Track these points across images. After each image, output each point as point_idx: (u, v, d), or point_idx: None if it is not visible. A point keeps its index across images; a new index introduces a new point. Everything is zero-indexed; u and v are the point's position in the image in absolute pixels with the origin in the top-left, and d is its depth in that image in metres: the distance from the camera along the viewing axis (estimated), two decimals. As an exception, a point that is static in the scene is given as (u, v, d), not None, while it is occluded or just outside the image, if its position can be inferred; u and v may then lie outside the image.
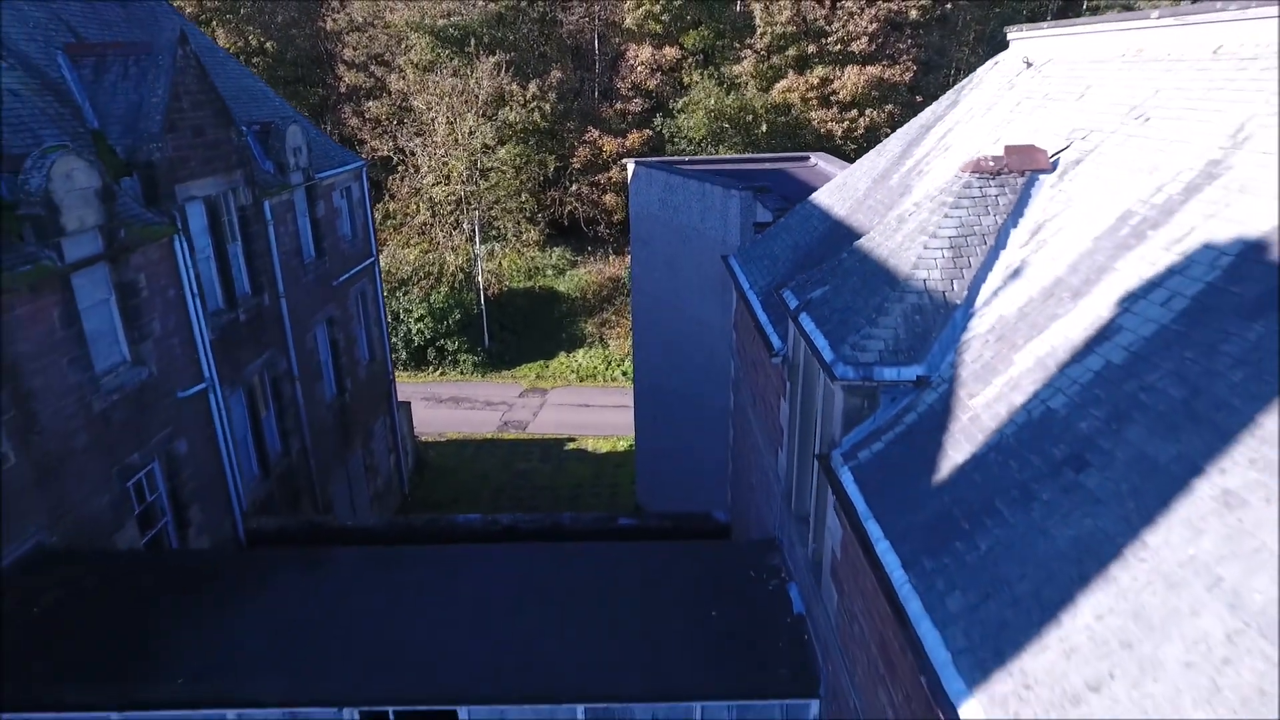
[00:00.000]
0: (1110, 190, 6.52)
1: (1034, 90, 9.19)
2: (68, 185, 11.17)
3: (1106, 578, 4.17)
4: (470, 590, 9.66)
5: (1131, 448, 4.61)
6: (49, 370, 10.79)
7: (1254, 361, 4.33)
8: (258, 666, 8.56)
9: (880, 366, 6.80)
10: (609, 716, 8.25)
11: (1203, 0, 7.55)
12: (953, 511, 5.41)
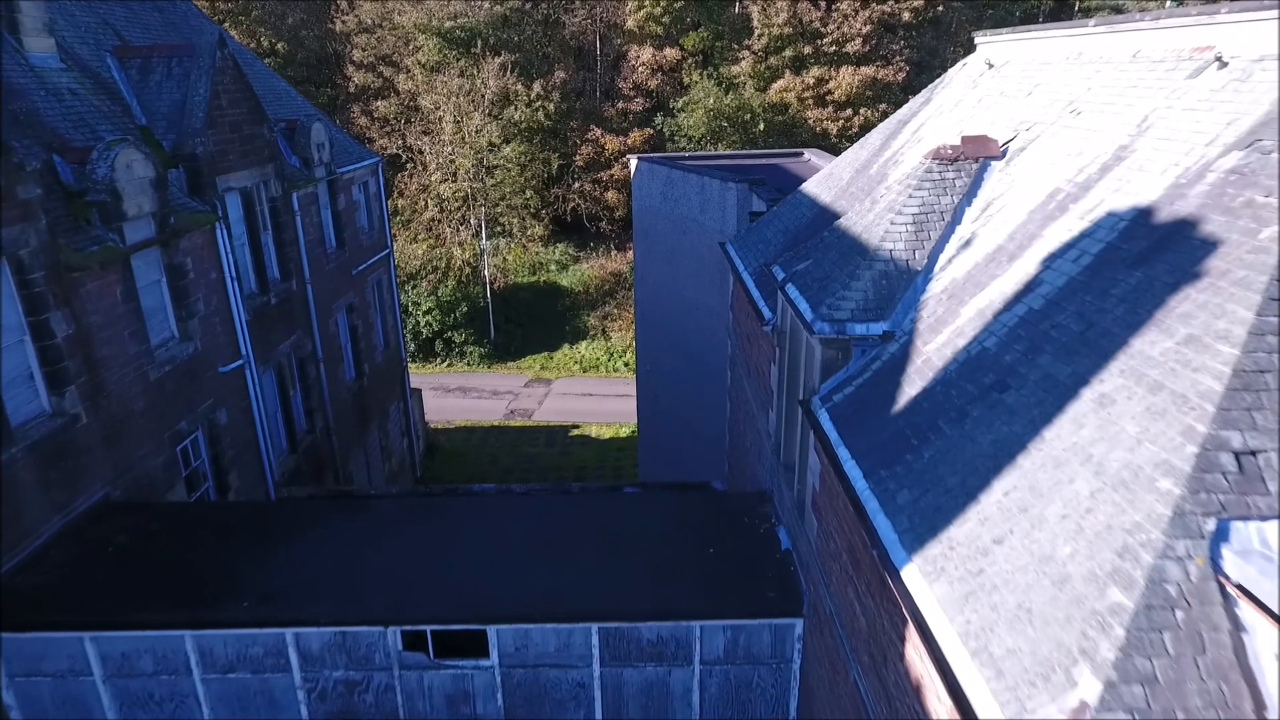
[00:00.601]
0: (1044, 172, 7.72)
1: (993, 88, 10.39)
2: (128, 175, 12.37)
3: (1013, 465, 5.37)
4: (494, 532, 10.85)
5: (1040, 371, 5.81)
6: (113, 341, 11.99)
7: (1132, 300, 5.53)
8: (310, 594, 9.75)
9: (852, 323, 8.00)
10: (619, 635, 9.44)
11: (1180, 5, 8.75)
12: (905, 432, 6.61)
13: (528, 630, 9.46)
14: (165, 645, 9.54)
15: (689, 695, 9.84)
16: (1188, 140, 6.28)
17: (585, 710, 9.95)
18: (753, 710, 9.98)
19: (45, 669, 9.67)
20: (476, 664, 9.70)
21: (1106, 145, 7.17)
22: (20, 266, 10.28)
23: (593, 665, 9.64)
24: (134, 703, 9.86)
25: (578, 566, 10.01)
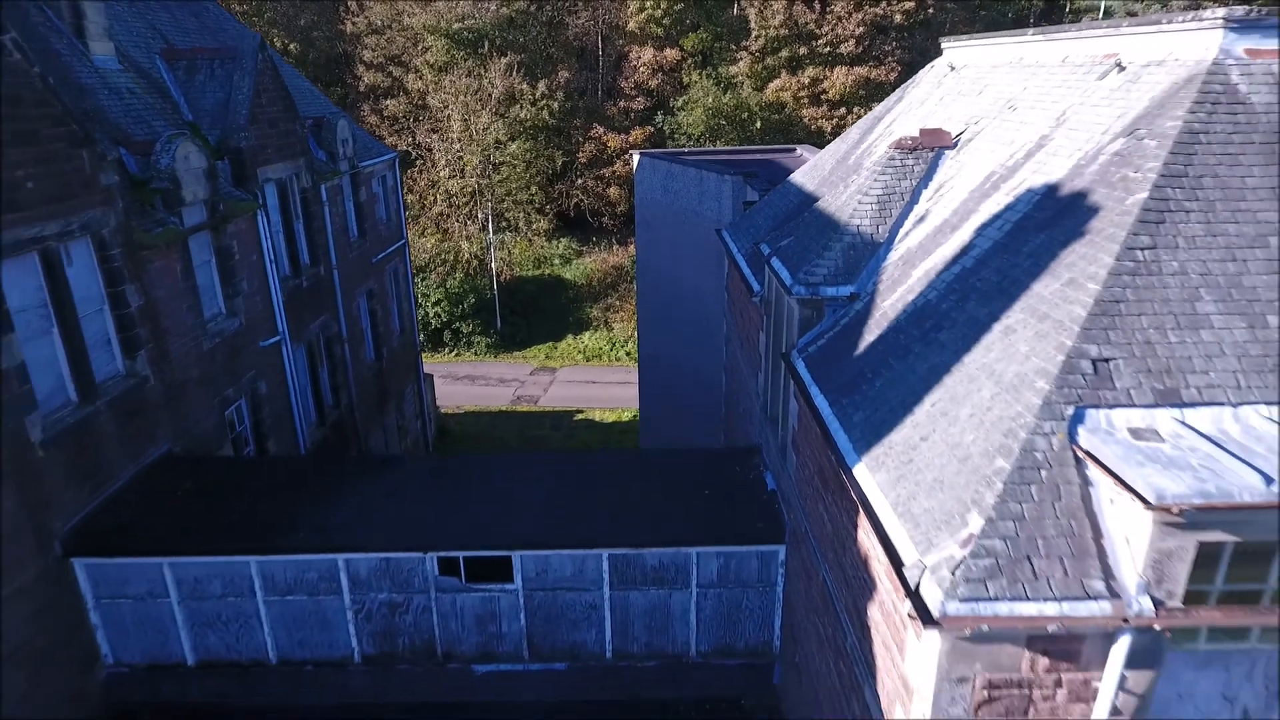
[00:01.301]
0: (984, 158, 9.19)
1: (953, 88, 11.85)
2: (186, 165, 13.84)
3: (940, 384, 6.84)
4: (514, 483, 12.29)
5: (966, 314, 7.27)
6: (174, 313, 13.45)
7: (1035, 255, 7.00)
8: (357, 528, 11.22)
9: (824, 286, 9.47)
10: (626, 561, 10.90)
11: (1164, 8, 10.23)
12: (864, 369, 8.07)
13: (547, 556, 10.92)
14: (233, 570, 11.02)
15: (687, 616, 11.31)
16: (1089, 130, 7.74)
17: (597, 630, 11.42)
18: (743, 630, 11.45)
19: (128, 592, 11.14)
20: (502, 588, 11.17)
21: (1032, 135, 8.63)
22: (102, 244, 11.74)
23: (603, 588, 11.11)
24: (203, 623, 11.34)
25: (590, 507, 11.48)
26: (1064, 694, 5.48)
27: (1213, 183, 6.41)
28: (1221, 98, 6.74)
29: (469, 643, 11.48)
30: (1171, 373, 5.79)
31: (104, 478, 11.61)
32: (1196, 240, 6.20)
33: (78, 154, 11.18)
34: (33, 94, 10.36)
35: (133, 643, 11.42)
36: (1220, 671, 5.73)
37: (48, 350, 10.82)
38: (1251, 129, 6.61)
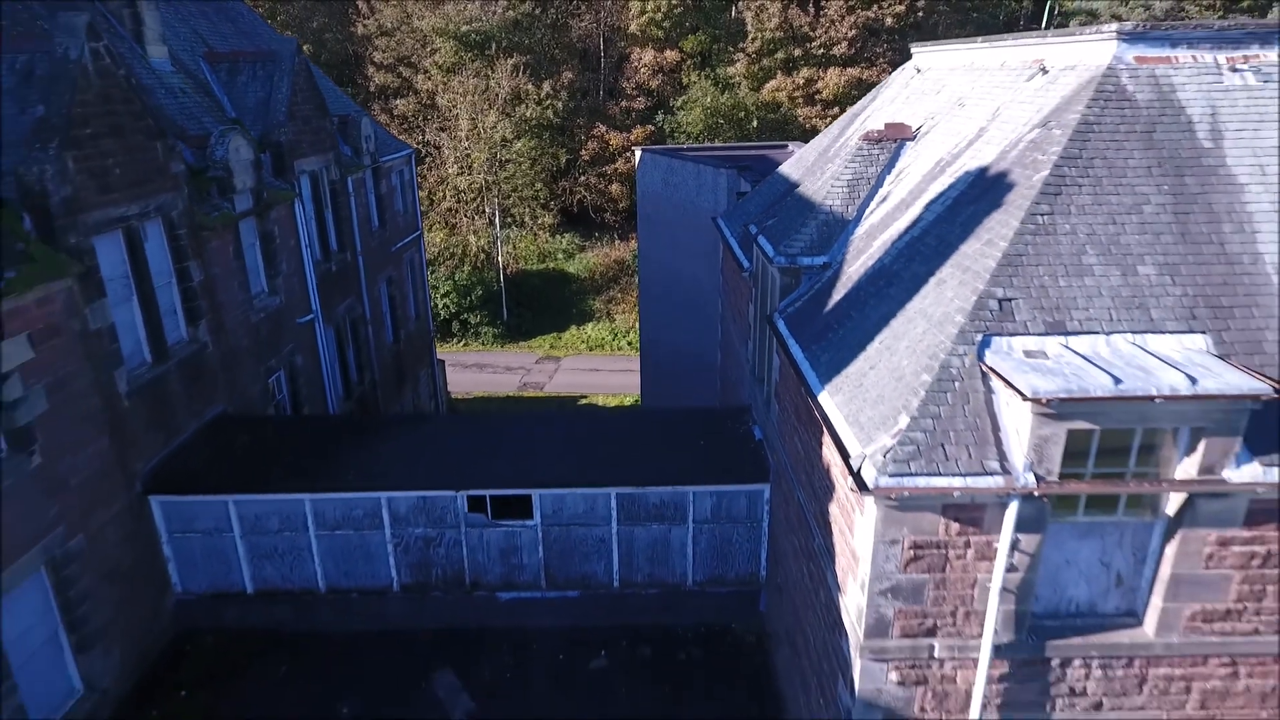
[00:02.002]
0: (935, 147, 10.83)
1: (917, 88, 13.49)
2: (237, 156, 15.48)
3: (887, 326, 8.47)
4: (532, 436, 13.91)
5: (911, 272, 8.91)
6: (228, 289, 15.09)
7: (966, 223, 8.63)
8: (397, 471, 12.84)
9: (801, 256, 11.10)
10: (631, 499, 12.53)
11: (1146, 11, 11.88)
12: (830, 322, 9.71)
13: (563, 495, 12.56)
14: (289, 508, 12.66)
15: (684, 549, 12.95)
16: (1015, 123, 9.38)
17: (605, 561, 13.05)
18: (732, 563, 13.08)
19: (196, 527, 12.78)
20: (523, 524, 12.80)
21: (973, 128, 10.27)
22: (171, 224, 13.37)
23: (611, 524, 12.75)
24: (262, 555, 12.97)
25: (600, 454, 13.11)
26: (972, 553, 7.12)
27: (1101, 163, 8.05)
28: (1113, 95, 8.38)
29: (493, 573, 13.11)
30: (1059, 309, 7.43)
31: (174, 429, 13.25)
32: (1085, 208, 7.84)
33: (153, 145, 12.81)
34: (120, 93, 12.00)
35: (199, 573, 13.06)
36: (1097, 541, 7.38)
37: (128, 316, 12.46)
38: (1135, 120, 8.25)
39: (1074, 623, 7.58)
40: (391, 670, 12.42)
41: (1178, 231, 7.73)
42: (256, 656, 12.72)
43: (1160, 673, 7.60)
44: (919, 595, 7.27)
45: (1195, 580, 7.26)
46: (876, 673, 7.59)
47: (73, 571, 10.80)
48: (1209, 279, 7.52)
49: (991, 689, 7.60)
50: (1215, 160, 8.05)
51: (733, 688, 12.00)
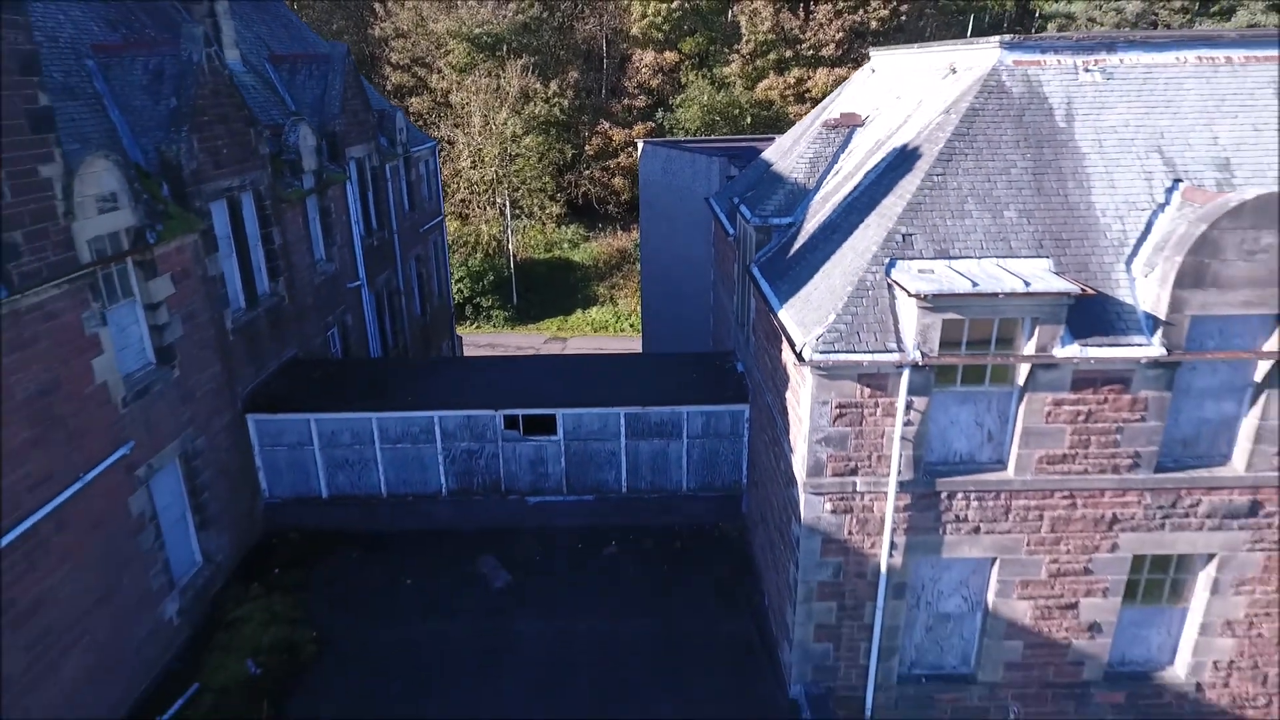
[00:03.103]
0: (876, 131, 13.78)
1: (871, 85, 16.43)
2: (304, 143, 18.42)
3: (828, 259, 11.41)
4: (557, 368, 16.86)
5: (849, 222, 11.85)
6: (299, 253, 18.02)
7: (888, 185, 11.57)
8: (447, 395, 15.78)
9: (772, 218, 14.05)
10: (636, 417, 15.45)
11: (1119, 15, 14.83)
12: (791, 263, 12.65)
13: (581, 414, 15.50)
14: (359, 425, 15.59)
15: (680, 460, 15.88)
16: (930, 110, 12.32)
17: (615, 471, 15.99)
18: (719, 472, 16.01)
19: (283, 441, 15.72)
20: (549, 439, 15.74)
21: (903, 115, 13.22)
22: (259, 196, 16.31)
23: (620, 439, 15.68)
24: (335, 465, 15.90)
25: (611, 383, 16.07)
26: (880, 411, 10.06)
27: (982, 138, 10.99)
28: (995, 89, 11.32)
29: (524, 480, 16.06)
30: (946, 241, 10.37)
31: (262, 364, 16.20)
32: (968, 170, 10.78)
33: (248, 131, 15.76)
34: (225, 89, 14.95)
35: (284, 481, 16.00)
36: (972, 406, 10.32)
37: (230, 269, 15.40)
38: (1009, 107, 11.19)
39: (958, 467, 10.53)
40: (444, 555, 15.36)
41: (1034, 187, 10.68)
42: (332, 547, 15.65)
43: (1020, 504, 10.55)
44: (844, 443, 10.23)
45: (1040, 432, 10.22)
46: (816, 504, 10.55)
47: (198, 465, 13.75)
48: (1054, 220, 10.47)
49: (898, 516, 10.55)
50: (1066, 136, 11.00)
51: (718, 564, 14.94)
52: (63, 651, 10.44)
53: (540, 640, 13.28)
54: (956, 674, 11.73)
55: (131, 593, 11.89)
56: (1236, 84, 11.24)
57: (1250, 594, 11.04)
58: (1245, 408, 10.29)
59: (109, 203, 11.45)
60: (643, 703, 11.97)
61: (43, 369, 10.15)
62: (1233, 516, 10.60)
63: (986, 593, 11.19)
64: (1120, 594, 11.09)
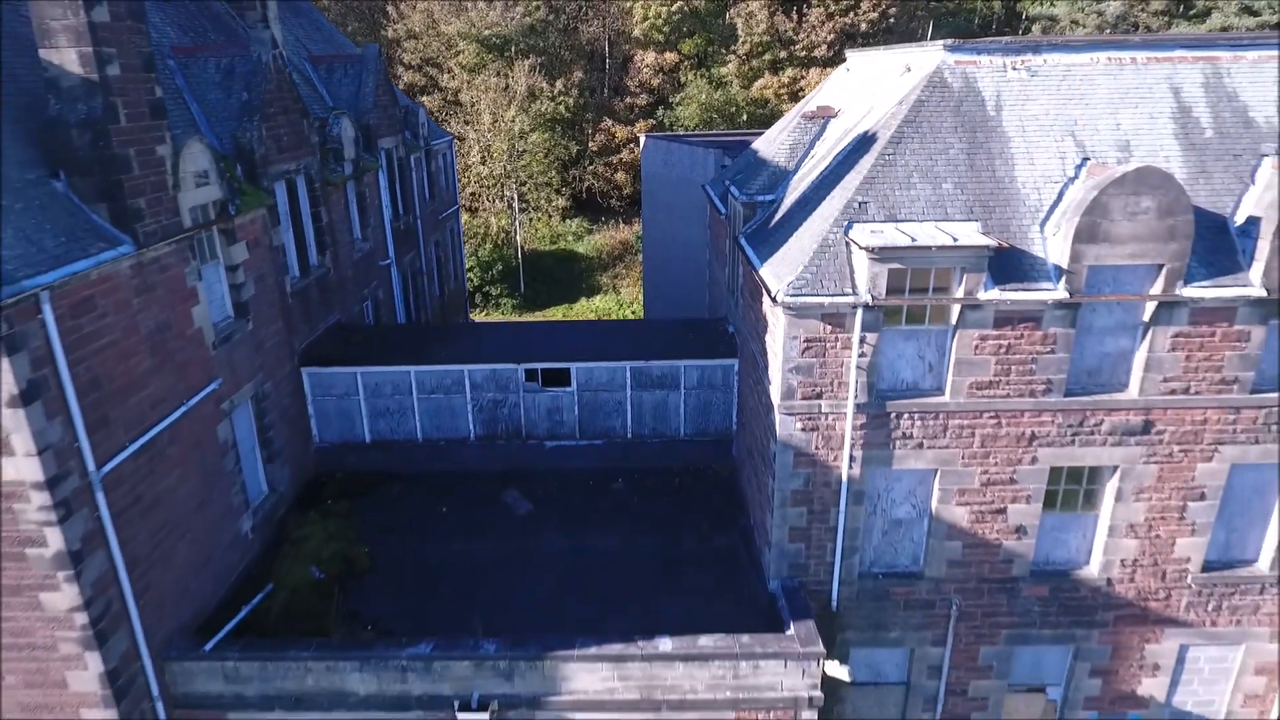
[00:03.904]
0: (845, 121, 16.12)
1: (847, 82, 18.77)
2: (345, 134, 20.77)
3: (803, 223, 13.76)
4: (571, 331, 19.20)
5: (819, 196, 14.19)
6: (341, 231, 20.36)
7: (850, 164, 13.91)
8: (475, 352, 18.12)
9: (757, 195, 16.40)
10: (640, 371, 17.77)
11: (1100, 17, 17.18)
12: (771, 232, 14.99)
13: (592, 368, 17.83)
14: (398, 377, 17.93)
15: (679, 409, 18.21)
16: (888, 103, 14.65)
17: (622, 418, 18.32)
18: (712, 419, 18.34)
19: (331, 392, 18.06)
20: (564, 390, 18.07)
21: (866, 106, 15.56)
22: (310, 180, 18.65)
23: (626, 390, 18.01)
24: (378, 413, 18.24)
25: (618, 341, 18.43)
26: (840, 344, 12.39)
27: (926, 124, 13.31)
28: (938, 84, 13.65)
29: (542, 427, 18.39)
30: (894, 208, 12.70)
31: (313, 325, 18.55)
32: (914, 151, 13.11)
33: (301, 122, 18.11)
34: (285, 84, 17.29)
35: (332, 427, 18.34)
36: (915, 341, 12.66)
37: (288, 241, 17.73)
38: (949, 99, 13.51)
39: (904, 392, 12.87)
40: (473, 491, 17.69)
41: (968, 164, 13.01)
42: (375, 484, 17.96)
43: (955, 423, 12.88)
44: (811, 371, 12.56)
45: (970, 363, 12.55)
46: (789, 423, 12.89)
47: (266, 406, 16.09)
48: (983, 191, 12.81)
49: (856, 433, 12.89)
50: (996, 123, 13.33)
51: (711, 498, 17.27)
52: (174, 543, 12.78)
53: (559, 554, 15.62)
54: (908, 571, 14.08)
55: (219, 505, 14.24)
56: (1138, 80, 13.58)
57: (1148, 501, 13.38)
58: (1137, 342, 12.63)
59: (203, 179, 13.79)
60: (647, 598, 14.29)
61: (158, 311, 12.50)
62: (1130, 434, 12.94)
63: (931, 500, 13.53)
64: (1041, 501, 13.43)
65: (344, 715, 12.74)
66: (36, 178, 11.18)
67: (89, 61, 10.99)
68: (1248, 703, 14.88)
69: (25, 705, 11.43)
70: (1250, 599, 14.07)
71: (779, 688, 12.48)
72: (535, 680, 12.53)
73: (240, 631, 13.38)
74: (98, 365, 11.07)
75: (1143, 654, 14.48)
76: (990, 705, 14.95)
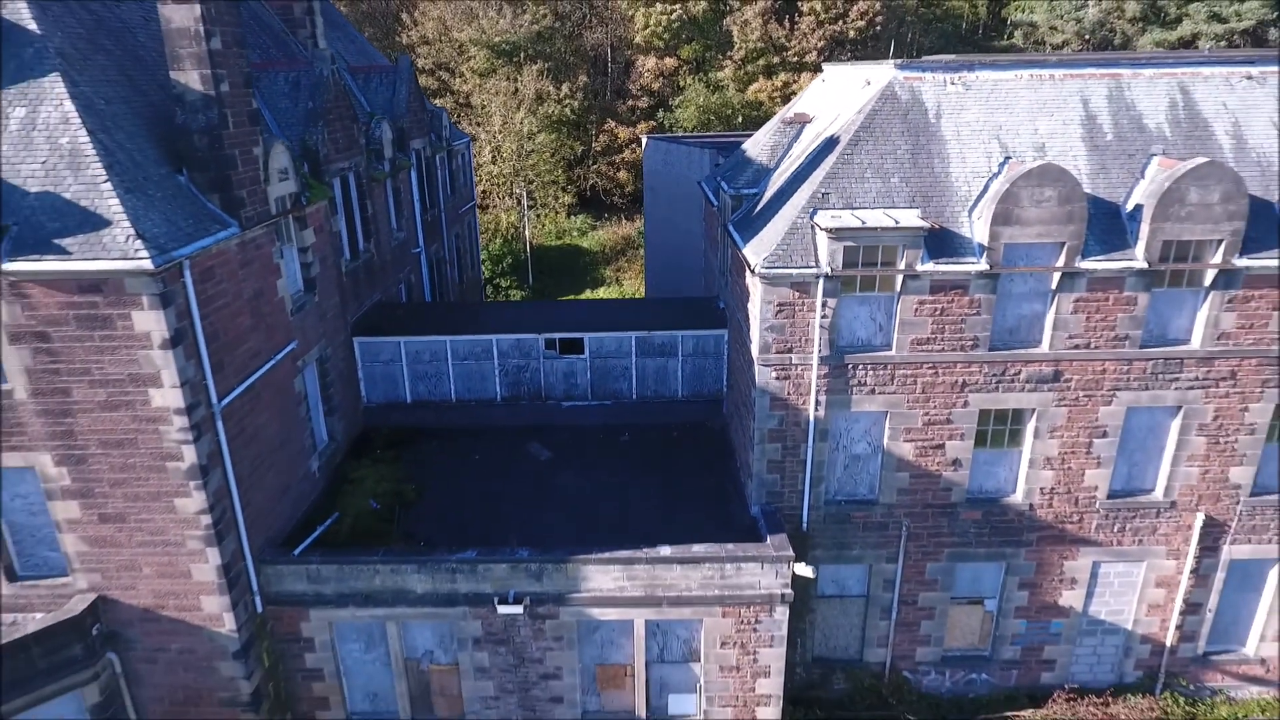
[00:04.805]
0: (818, 126, 19.07)
1: (823, 92, 21.71)
2: (384, 136, 23.72)
3: (776, 213, 16.71)
4: (583, 307, 22.13)
5: (792, 188, 17.14)
6: (381, 221, 23.31)
7: (817, 161, 16.85)
8: (502, 324, 21.07)
9: (743, 188, 19.37)
10: (644, 340, 20.70)
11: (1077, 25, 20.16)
12: (754, 219, 17.93)
13: (602, 337, 20.77)
14: (436, 346, 20.87)
15: (677, 374, 21.15)
16: (849, 111, 17.59)
17: (628, 382, 21.26)
18: (705, 382, 21.28)
19: (378, 358, 21.01)
20: (578, 357, 21.01)
21: (835, 114, 18.51)
22: (358, 175, 21.59)
23: (632, 356, 20.95)
24: (416, 377, 21.19)
25: (625, 316, 21.37)
26: (806, 308, 15.34)
27: (879, 129, 16.25)
28: (890, 97, 16.58)
29: (559, 389, 21.34)
30: (851, 198, 15.64)
31: (361, 302, 21.50)
32: (868, 151, 16.05)
33: (352, 126, 21.07)
34: (341, 93, 20.24)
35: (378, 389, 21.29)
36: (868, 305, 15.61)
37: (341, 229, 20.66)
38: (898, 108, 16.45)
39: (859, 348, 15.80)
40: (500, 443, 20.63)
41: (911, 162, 15.95)
42: (415, 438, 20.91)
43: (901, 372, 15.82)
44: (783, 330, 15.50)
45: (912, 323, 15.49)
46: (766, 373, 15.83)
47: (327, 367, 19.03)
48: (924, 184, 15.75)
49: (820, 381, 15.83)
50: (935, 129, 16.26)
51: (704, 448, 20.21)
52: (265, 471, 15.74)
53: (576, 490, 18.56)
54: (865, 499, 17.03)
55: (295, 445, 17.20)
56: (1054, 93, 16.53)
57: (1060, 438, 16.32)
58: (1047, 306, 15.57)
59: (284, 175, 16.74)
60: (649, 524, 17.21)
61: (255, 280, 15.45)
62: (1043, 382, 15.89)
63: (883, 437, 16.48)
64: (973, 438, 16.38)
65: (405, 609, 15.69)
66: (166, 173, 14.14)
67: (208, 80, 13.92)
68: (1151, 611, 17.82)
69: (157, 592, 14.38)
70: (1149, 521, 17.03)
71: (757, 586, 15.43)
72: (560, 580, 15.47)
73: (314, 547, 16.32)
74: (216, 321, 14.02)
75: (1062, 569, 17.43)
76: (937, 614, 17.90)
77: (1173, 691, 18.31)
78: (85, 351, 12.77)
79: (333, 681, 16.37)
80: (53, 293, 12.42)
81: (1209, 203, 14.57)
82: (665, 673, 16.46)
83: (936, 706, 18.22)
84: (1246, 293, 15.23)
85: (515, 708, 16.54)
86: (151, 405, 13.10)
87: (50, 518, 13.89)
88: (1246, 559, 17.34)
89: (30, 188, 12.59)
